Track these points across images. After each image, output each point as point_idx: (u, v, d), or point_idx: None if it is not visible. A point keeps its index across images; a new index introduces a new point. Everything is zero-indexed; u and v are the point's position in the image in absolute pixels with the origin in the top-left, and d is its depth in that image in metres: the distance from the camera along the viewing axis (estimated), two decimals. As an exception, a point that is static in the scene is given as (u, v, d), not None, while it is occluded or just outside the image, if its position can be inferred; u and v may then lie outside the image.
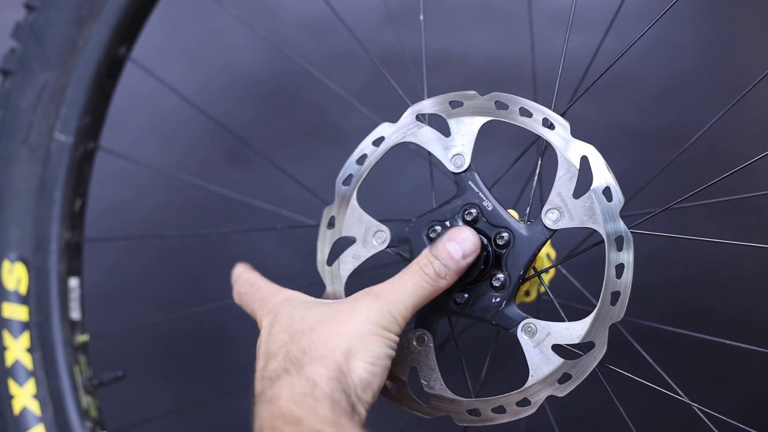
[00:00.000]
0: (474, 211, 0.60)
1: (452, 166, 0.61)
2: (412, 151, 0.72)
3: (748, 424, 0.68)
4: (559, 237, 0.59)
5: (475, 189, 0.60)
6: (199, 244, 1.31)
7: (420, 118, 0.63)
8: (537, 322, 0.58)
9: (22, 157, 0.81)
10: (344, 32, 0.91)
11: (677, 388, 0.71)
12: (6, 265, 0.81)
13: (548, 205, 0.58)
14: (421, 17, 0.73)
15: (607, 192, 0.56)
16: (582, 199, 0.57)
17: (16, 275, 0.80)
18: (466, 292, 0.60)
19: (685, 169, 1.07)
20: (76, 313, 0.83)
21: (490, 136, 0.66)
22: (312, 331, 0.54)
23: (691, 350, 1.19)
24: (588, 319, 0.57)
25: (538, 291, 0.74)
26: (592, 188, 0.57)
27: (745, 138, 1.27)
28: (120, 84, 0.85)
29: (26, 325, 0.80)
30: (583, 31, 1.01)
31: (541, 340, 0.58)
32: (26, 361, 0.80)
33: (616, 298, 0.56)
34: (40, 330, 0.80)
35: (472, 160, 0.61)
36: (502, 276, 0.59)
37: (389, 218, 0.64)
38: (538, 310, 0.71)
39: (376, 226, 0.64)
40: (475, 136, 0.61)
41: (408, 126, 0.63)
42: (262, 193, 1.25)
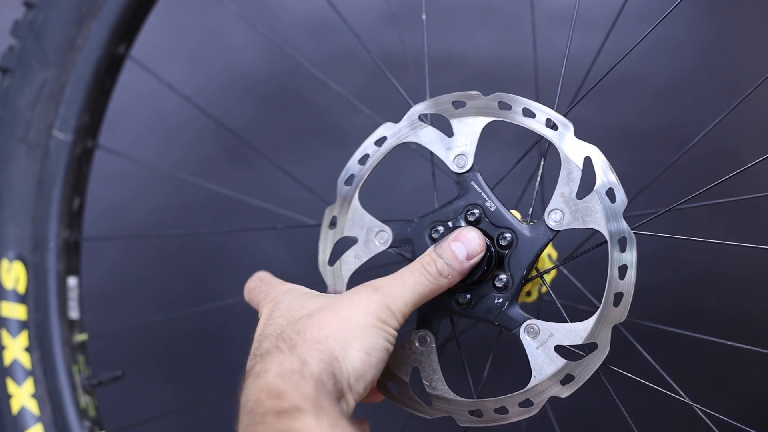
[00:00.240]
0: (477, 211, 0.60)
1: (455, 167, 0.61)
2: (414, 152, 0.72)
3: (748, 424, 0.68)
4: (560, 237, 0.59)
5: (478, 189, 0.60)
6: (199, 244, 1.31)
7: (422, 118, 0.63)
8: (539, 323, 0.58)
9: (20, 155, 0.81)
10: (344, 32, 0.91)
11: (678, 389, 0.70)
12: (4, 264, 0.80)
13: (551, 205, 0.58)
14: (424, 17, 0.72)
15: (611, 193, 0.56)
16: (585, 199, 0.57)
17: (14, 274, 0.80)
18: (468, 293, 0.60)
19: (686, 170, 1.07)
20: (74, 313, 0.83)
21: (492, 137, 0.66)
22: (310, 317, 0.54)
23: (691, 350, 1.19)
24: (591, 320, 0.57)
25: (539, 291, 0.74)
26: (595, 189, 0.57)
27: (746, 139, 1.27)
28: (120, 83, 0.85)
29: (24, 324, 0.80)
30: (583, 31, 1.01)
31: (543, 341, 0.58)
32: (24, 360, 0.80)
33: (619, 299, 0.56)
34: (38, 329, 0.80)
35: (474, 161, 0.61)
36: (504, 277, 0.59)
37: (391, 218, 0.64)
38: (539, 311, 0.70)
39: (378, 226, 0.63)
40: (477, 137, 0.61)
41: (410, 126, 0.63)
42: (263, 193, 1.24)
